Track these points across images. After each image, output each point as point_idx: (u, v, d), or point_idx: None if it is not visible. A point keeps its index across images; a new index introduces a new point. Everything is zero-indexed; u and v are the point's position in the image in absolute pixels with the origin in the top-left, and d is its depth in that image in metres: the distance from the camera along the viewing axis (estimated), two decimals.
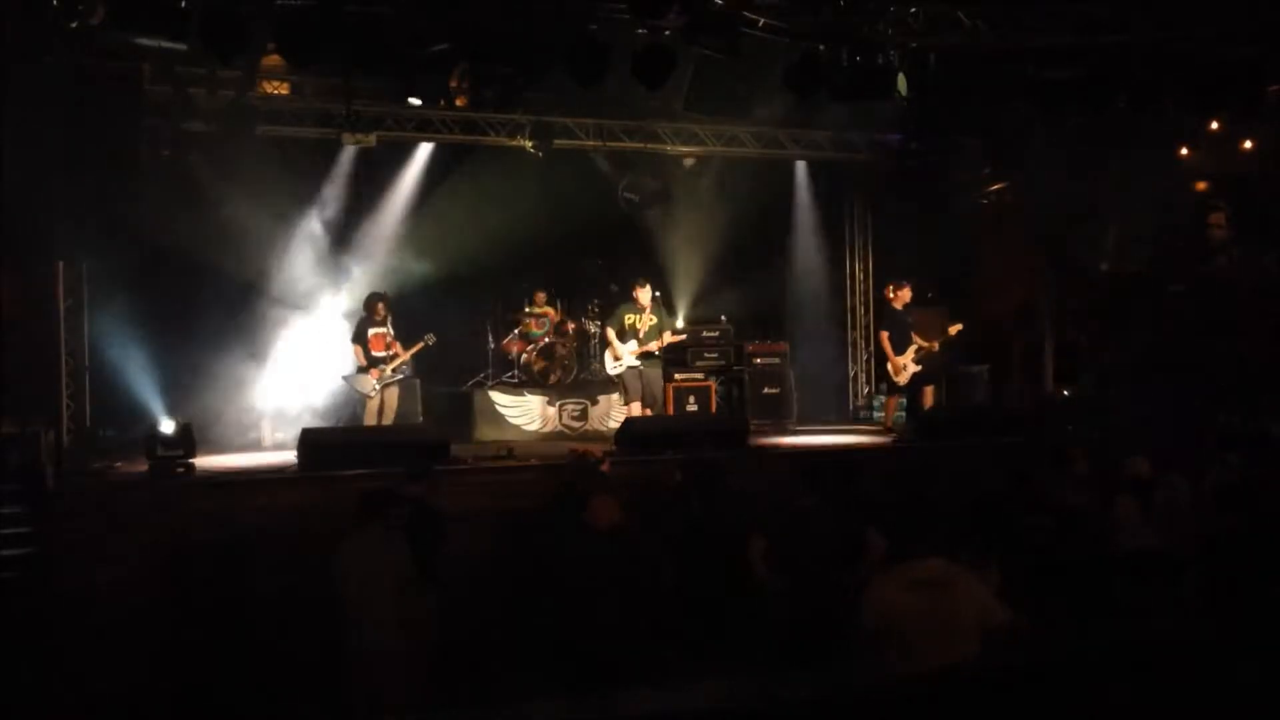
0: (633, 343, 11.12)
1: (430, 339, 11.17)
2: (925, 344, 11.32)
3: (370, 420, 10.89)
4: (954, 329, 11.28)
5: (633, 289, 11.33)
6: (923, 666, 4.03)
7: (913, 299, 11.63)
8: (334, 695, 5.30)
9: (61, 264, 10.64)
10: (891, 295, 11.70)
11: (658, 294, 11.63)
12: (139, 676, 5.64)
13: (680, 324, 12.86)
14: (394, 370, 11.00)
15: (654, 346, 11.21)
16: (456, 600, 5.73)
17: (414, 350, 11.10)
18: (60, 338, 10.70)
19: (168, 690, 5.50)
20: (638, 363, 11.14)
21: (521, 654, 5.30)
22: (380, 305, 11.12)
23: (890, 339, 11.43)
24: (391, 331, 11.07)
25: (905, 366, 11.32)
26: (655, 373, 11.37)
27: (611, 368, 11.33)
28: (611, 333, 11.27)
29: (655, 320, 11.18)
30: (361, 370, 11.05)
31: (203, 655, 5.72)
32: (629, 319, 11.22)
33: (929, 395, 11.52)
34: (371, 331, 11.04)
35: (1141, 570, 5.74)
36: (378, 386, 10.92)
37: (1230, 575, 5.34)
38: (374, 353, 10.98)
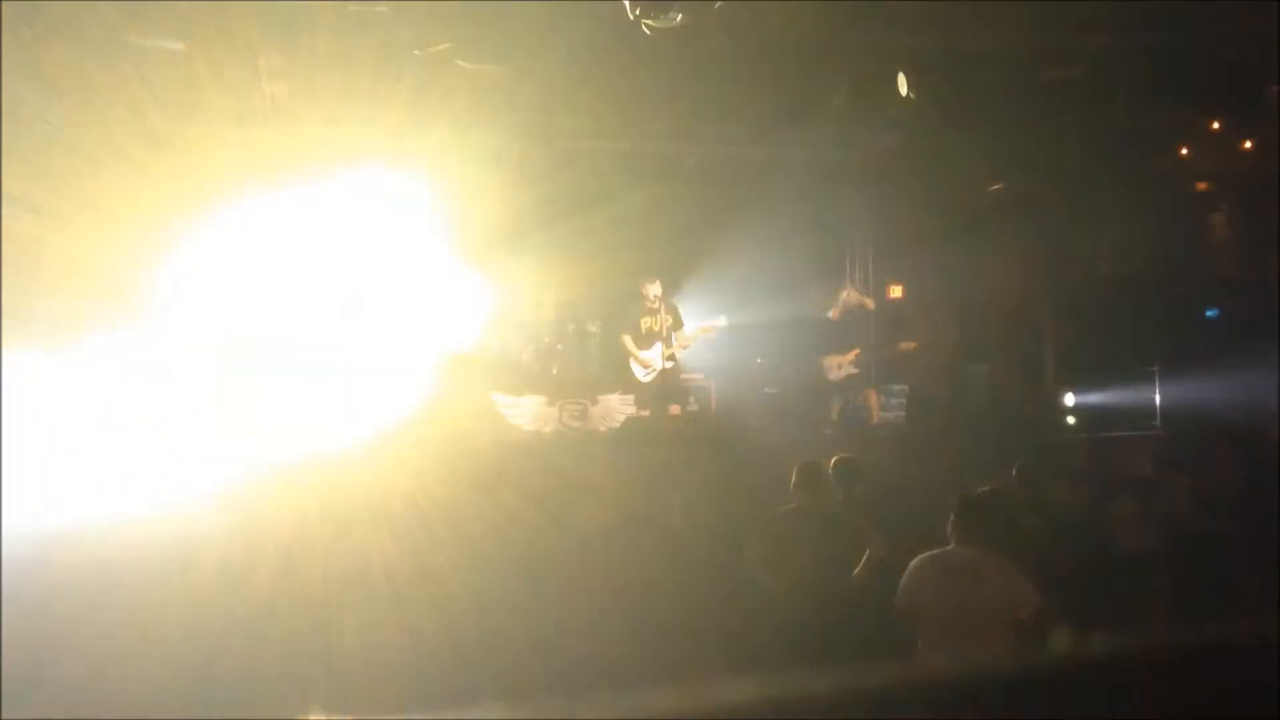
0: (659, 345, 10.57)
1: None
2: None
3: None
4: (907, 346, 11.43)
5: (640, 286, 10.71)
6: (953, 653, 4.13)
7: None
8: (334, 695, 5.30)
9: None
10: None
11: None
12: (139, 676, 5.63)
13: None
14: None
15: (680, 348, 10.72)
16: (456, 600, 5.73)
17: None
18: None
19: (167, 689, 5.49)
20: (669, 364, 10.64)
21: (520, 654, 5.29)
22: None
23: None
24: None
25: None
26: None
27: (644, 376, 10.68)
28: (630, 341, 10.65)
29: (670, 319, 10.68)
30: None
31: (203, 655, 5.71)
32: (644, 322, 10.69)
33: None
34: None
35: (1141, 570, 5.75)
36: None
37: (1220, 573, 5.35)
38: None
